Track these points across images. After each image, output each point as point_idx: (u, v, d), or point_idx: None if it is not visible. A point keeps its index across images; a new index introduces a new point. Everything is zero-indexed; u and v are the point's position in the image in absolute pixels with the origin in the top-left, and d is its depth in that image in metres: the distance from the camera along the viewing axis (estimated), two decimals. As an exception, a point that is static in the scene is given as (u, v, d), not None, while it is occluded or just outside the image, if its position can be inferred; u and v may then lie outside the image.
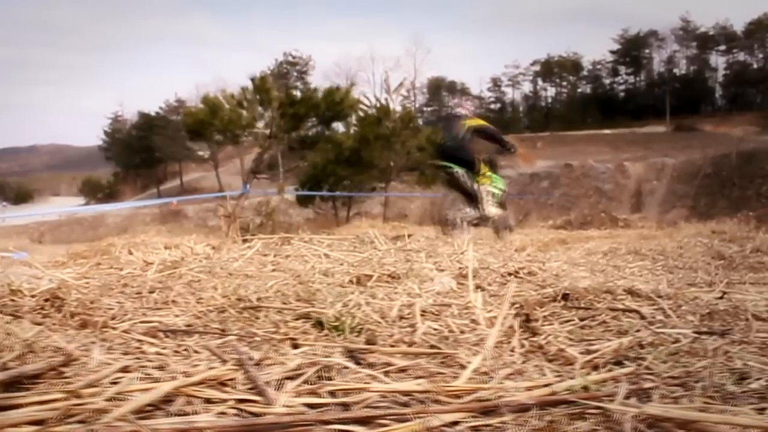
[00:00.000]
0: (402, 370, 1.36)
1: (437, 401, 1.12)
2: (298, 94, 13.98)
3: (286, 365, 1.33)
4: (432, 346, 1.55)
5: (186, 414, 1.05)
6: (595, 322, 1.87)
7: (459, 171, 7.47)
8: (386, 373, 1.33)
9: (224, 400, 1.12)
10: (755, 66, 74.01)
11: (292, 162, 17.85)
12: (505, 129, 71.45)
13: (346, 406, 1.09)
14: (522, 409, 1.04)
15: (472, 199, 7.50)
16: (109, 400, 1.07)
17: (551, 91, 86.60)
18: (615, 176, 43.56)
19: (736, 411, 1.03)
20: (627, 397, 1.09)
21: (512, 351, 1.56)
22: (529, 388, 1.16)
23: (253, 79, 11.49)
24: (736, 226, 13.46)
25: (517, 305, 1.99)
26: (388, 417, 1.02)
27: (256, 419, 1.01)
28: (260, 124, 11.98)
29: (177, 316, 1.90)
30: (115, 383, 1.19)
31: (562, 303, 2.09)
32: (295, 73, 75.29)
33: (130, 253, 3.50)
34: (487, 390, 1.16)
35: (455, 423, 1.02)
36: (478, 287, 2.35)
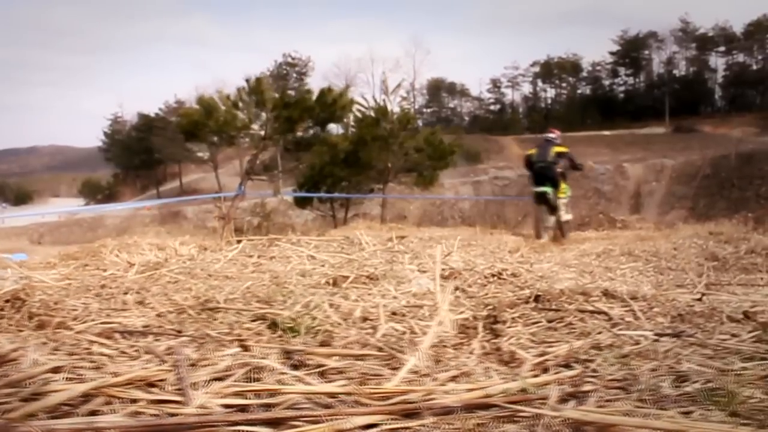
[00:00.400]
0: (339, 371, 1.36)
1: (361, 403, 1.11)
2: (293, 94, 13.98)
3: (217, 366, 1.33)
4: (380, 349, 1.55)
5: (98, 414, 1.05)
6: (561, 324, 1.87)
7: (549, 192, 9.71)
8: (321, 374, 1.33)
9: (144, 401, 1.12)
10: (754, 67, 74.03)
11: (290, 163, 17.84)
12: (505, 130, 71.67)
13: (267, 407, 1.09)
14: (446, 412, 1.04)
15: (553, 210, 9.82)
16: (24, 399, 1.07)
17: (551, 93, 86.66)
18: (614, 177, 43.52)
19: (660, 414, 1.03)
20: (561, 401, 1.08)
21: (471, 353, 1.56)
22: (469, 390, 1.16)
23: (248, 80, 11.48)
24: (733, 227, 13.49)
25: (490, 307, 1.99)
26: (300, 419, 1.02)
27: (159, 420, 1.01)
28: (256, 126, 11.95)
29: (139, 317, 1.89)
30: (46, 383, 1.18)
31: (533, 305, 2.09)
32: (294, 75, 75.27)
33: (118, 254, 3.49)
34: (418, 392, 1.15)
35: (372, 426, 1.02)
36: (457, 288, 2.35)
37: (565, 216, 10.10)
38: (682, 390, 1.21)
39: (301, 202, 20.81)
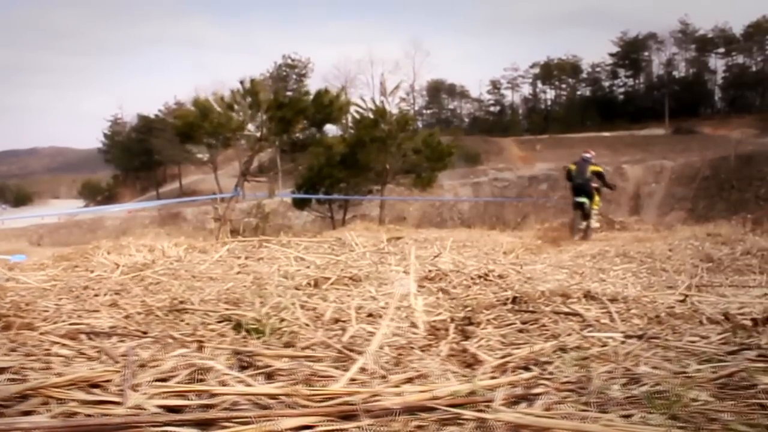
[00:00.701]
0: (288, 373, 1.36)
1: (298, 405, 1.11)
2: (292, 95, 13.95)
3: (163, 367, 1.32)
4: (339, 351, 1.54)
5: (31, 414, 1.04)
6: (534, 326, 1.87)
7: (586, 202, 12.28)
8: (269, 376, 1.32)
9: (81, 402, 1.11)
10: (754, 69, 74.02)
11: (289, 165, 17.79)
12: (505, 132, 71.64)
13: (205, 408, 1.08)
14: (385, 414, 1.04)
15: (586, 216, 12.33)
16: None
17: (550, 94, 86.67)
18: (613, 179, 43.44)
19: (599, 417, 1.02)
20: (511, 403, 1.08)
21: (438, 354, 1.55)
22: (418, 392, 1.16)
23: (242, 82, 11.48)
24: (731, 228, 13.49)
25: (469, 308, 1.99)
26: (231, 420, 1.02)
27: (83, 421, 1.00)
28: (252, 127, 11.95)
29: (110, 318, 1.89)
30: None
31: (511, 306, 2.08)
32: (294, 76, 75.27)
33: (106, 256, 3.49)
34: (362, 394, 1.15)
35: (306, 427, 1.01)
36: (440, 290, 2.34)
37: (594, 224, 12.78)
38: (630, 393, 1.20)
39: (300, 204, 20.82)
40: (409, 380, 1.29)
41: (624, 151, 56.00)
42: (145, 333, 1.75)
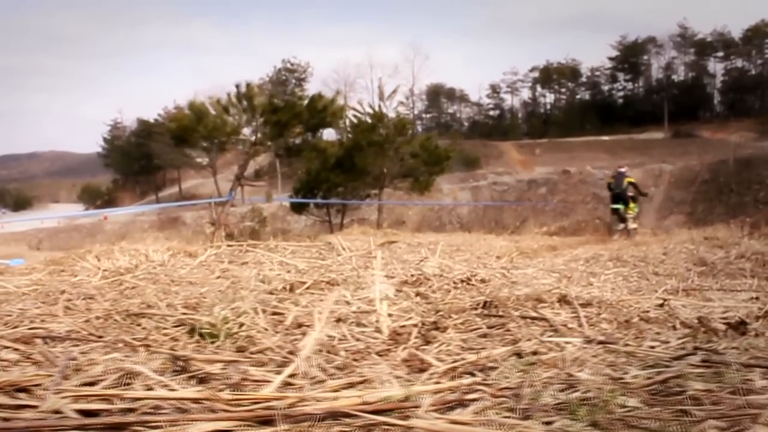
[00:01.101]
0: (221, 377, 1.35)
1: (218, 409, 1.10)
2: (291, 99, 13.97)
3: (93, 371, 1.32)
4: (284, 356, 1.53)
5: None
6: (499, 331, 1.86)
7: (621, 208, 14.70)
8: (202, 380, 1.32)
9: (1, 405, 1.11)
10: (753, 72, 74.10)
11: (287, 169, 17.75)
12: (504, 136, 71.69)
13: (126, 412, 1.08)
14: (305, 419, 1.03)
15: (623, 220, 14.73)
16: None
17: (550, 98, 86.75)
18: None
19: (518, 425, 1.01)
20: (444, 409, 1.07)
21: (393, 359, 1.54)
22: (347, 397, 1.15)
23: (237, 86, 11.50)
24: (728, 232, 13.48)
25: (441, 312, 1.98)
26: (142, 424, 1.01)
27: None
28: (247, 131, 11.96)
29: (70, 322, 1.88)
30: None
31: (481, 311, 2.07)
32: (293, 80, 75.38)
33: (90, 260, 3.48)
34: (290, 399, 1.14)
35: None
36: (417, 294, 2.33)
37: (632, 225, 15.01)
38: (561, 399, 1.19)
39: (298, 208, 20.81)
40: (350, 385, 1.29)
41: (623, 154, 55.97)
42: (100, 337, 1.75)
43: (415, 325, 1.89)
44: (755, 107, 69.90)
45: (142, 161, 65.69)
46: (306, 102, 12.06)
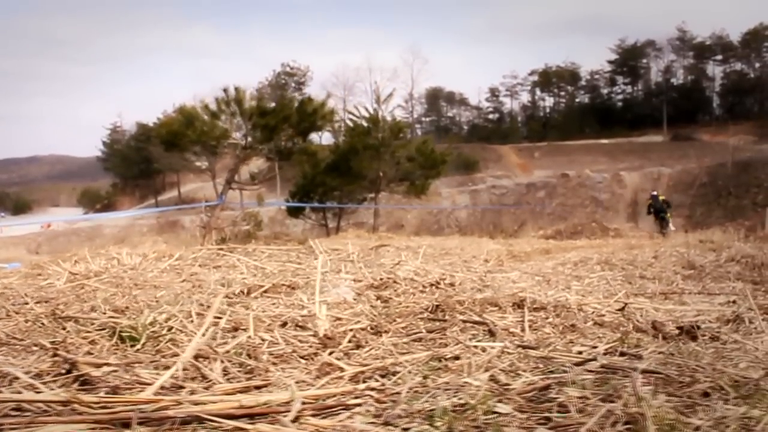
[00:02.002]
0: (105, 380, 1.34)
1: (81, 412, 1.09)
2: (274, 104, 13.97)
3: None
4: (191, 360, 1.51)
5: None
6: (435, 335, 1.84)
7: (666, 217, 19.33)
8: (84, 383, 1.31)
9: None
10: (752, 75, 74.18)
11: (286, 173, 17.73)
12: (503, 139, 71.70)
13: None
14: (162, 422, 1.02)
15: (666, 224, 19.24)
16: None
17: (549, 101, 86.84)
18: (611, 186, 43.55)
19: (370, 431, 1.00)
20: (315, 414, 1.06)
21: (314, 362, 1.53)
22: (226, 401, 1.14)
23: (225, 90, 11.51)
24: (723, 235, 13.46)
25: (383, 316, 1.96)
26: None
27: None
28: (238, 135, 11.97)
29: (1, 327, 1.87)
30: None
31: (427, 315, 2.05)
32: (293, 84, 75.47)
33: (76, 263, 3.47)
34: (163, 402, 1.13)
35: None
36: (378, 298, 2.32)
37: (671, 228, 19.37)
38: (438, 405, 1.18)
39: (294, 212, 20.80)
40: (246, 389, 1.28)
41: (622, 158, 56.03)
42: (21, 340, 1.74)
43: (363, 329, 1.88)
44: (754, 110, 69.96)
45: (141, 165, 65.69)
46: (296, 105, 12.06)
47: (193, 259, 3.54)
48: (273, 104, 12.93)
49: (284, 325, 1.94)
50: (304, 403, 1.20)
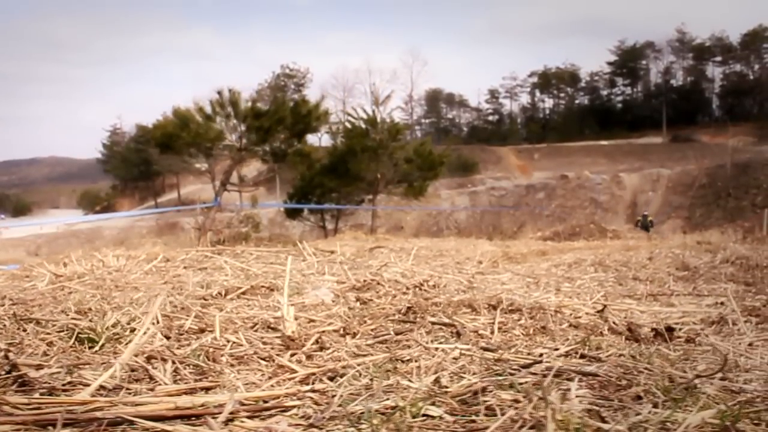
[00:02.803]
0: (43, 381, 1.34)
1: (6, 413, 1.09)
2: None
3: None
4: (141, 361, 1.51)
5: None
6: (402, 337, 1.83)
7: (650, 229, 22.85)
8: (23, 384, 1.31)
9: None
10: (751, 77, 74.20)
11: (287, 174, 17.69)
12: (503, 141, 71.70)
13: None
14: (88, 424, 1.02)
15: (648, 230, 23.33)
16: None
17: (549, 103, 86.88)
18: (611, 187, 43.54)
19: None
20: (250, 416, 1.06)
21: (269, 363, 1.53)
22: (162, 403, 1.13)
23: (220, 92, 11.50)
24: (720, 236, 13.44)
25: (356, 318, 1.96)
26: None
27: None
28: (233, 137, 11.96)
29: None
30: None
31: (398, 317, 2.04)
32: (292, 86, 75.51)
33: (64, 266, 3.47)
34: (97, 404, 1.13)
35: None
36: (358, 299, 2.31)
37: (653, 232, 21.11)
38: (354, 409, 1.17)
39: (292, 214, 20.78)
40: (191, 391, 1.28)
41: (622, 159, 56.03)
42: None
43: (335, 331, 1.87)
44: (753, 111, 69.97)
45: (141, 167, 65.69)
46: (291, 107, 12.05)
47: (181, 261, 3.53)
48: (267, 106, 12.94)
49: (254, 326, 1.93)
50: (242, 405, 1.20)
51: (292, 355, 1.67)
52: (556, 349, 1.67)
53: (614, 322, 2.13)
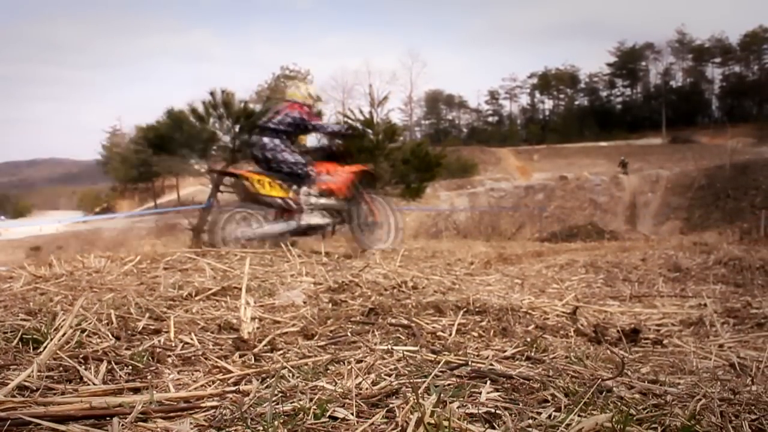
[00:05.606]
0: None
1: None
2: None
3: None
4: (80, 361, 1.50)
5: None
6: (353, 339, 1.82)
7: None
8: None
9: None
10: (751, 78, 74.23)
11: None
12: (503, 142, 71.77)
13: None
14: None
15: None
16: None
17: (548, 104, 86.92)
18: (610, 188, 43.51)
19: None
20: (165, 417, 1.06)
21: (212, 366, 1.52)
22: (76, 403, 1.13)
23: (212, 93, 11.49)
24: (718, 238, 13.42)
25: (320, 320, 1.95)
26: None
27: None
28: (227, 138, 11.95)
29: None
30: None
31: (360, 318, 2.03)
32: (292, 87, 75.38)
33: (49, 267, 3.46)
34: (10, 404, 1.13)
35: None
36: (331, 301, 2.30)
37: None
38: (281, 410, 1.17)
39: (289, 214, 20.70)
40: (118, 391, 1.28)
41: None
42: None
43: (297, 332, 1.86)
44: (753, 113, 70.00)
45: (140, 168, 65.67)
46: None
47: (165, 262, 3.52)
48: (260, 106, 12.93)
49: (215, 328, 1.92)
50: (161, 405, 1.20)
51: (242, 356, 1.66)
52: (504, 351, 1.66)
53: (582, 324, 2.12)
